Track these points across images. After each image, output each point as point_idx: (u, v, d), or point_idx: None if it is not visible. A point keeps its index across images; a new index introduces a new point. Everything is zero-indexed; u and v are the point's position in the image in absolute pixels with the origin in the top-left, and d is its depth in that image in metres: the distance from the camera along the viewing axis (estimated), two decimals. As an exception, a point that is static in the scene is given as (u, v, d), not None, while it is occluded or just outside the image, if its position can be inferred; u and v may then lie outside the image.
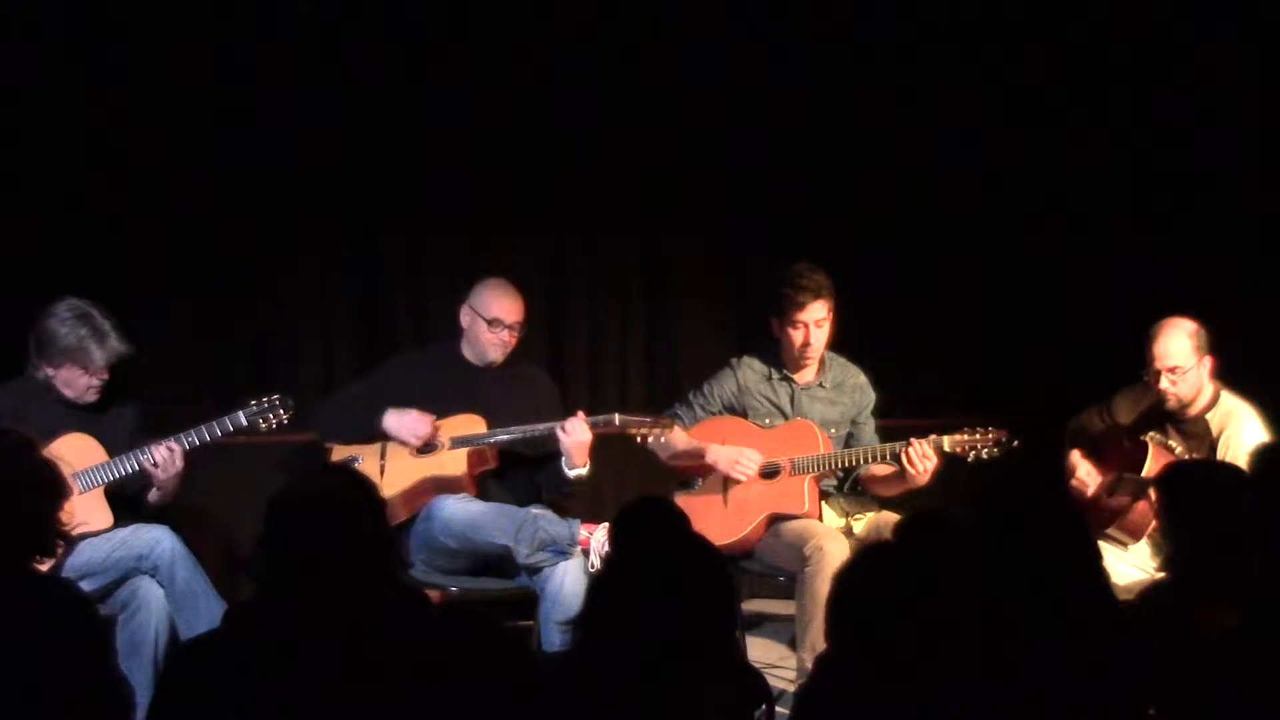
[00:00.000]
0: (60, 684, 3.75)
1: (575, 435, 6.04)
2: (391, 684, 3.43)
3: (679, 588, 3.46)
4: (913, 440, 6.02)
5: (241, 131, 7.14)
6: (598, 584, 3.66)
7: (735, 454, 6.23)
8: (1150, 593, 4.23)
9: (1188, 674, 3.47)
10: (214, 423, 5.81)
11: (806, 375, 6.37)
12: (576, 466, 6.10)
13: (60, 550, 4.11)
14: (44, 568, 4.09)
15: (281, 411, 5.90)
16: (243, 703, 3.41)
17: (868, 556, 3.47)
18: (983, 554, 3.55)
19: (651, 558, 3.61)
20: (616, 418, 6.13)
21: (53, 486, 4.02)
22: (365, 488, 3.77)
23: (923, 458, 6.00)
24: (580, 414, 6.11)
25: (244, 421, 5.85)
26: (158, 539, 5.60)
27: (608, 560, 3.86)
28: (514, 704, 2.99)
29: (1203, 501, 4.06)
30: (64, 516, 4.08)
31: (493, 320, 6.26)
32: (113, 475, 5.69)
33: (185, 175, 7.10)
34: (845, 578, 3.40)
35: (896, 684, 3.13)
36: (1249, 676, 3.30)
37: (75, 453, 5.53)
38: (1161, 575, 4.55)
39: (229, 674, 3.47)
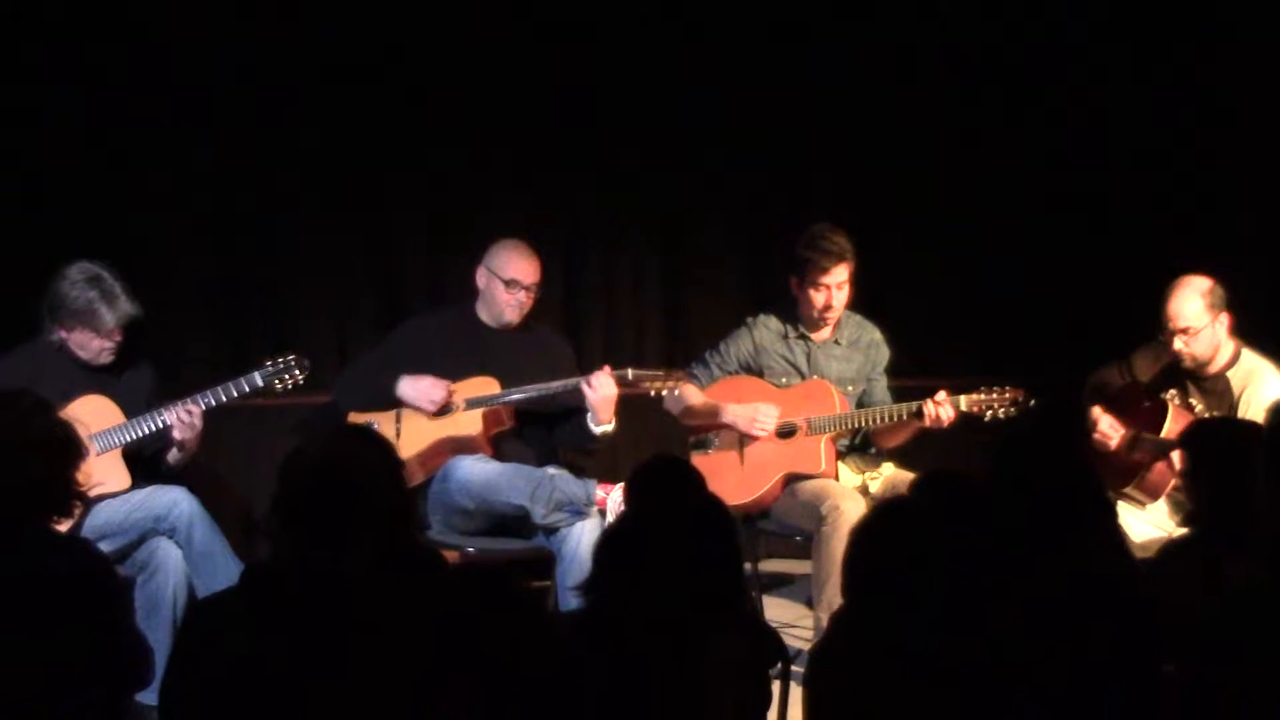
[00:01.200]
0: (80, 643, 3.77)
1: (602, 390, 6.01)
2: (409, 644, 3.44)
3: (689, 544, 3.46)
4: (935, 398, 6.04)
5: (253, 89, 7.10)
6: (610, 541, 3.66)
7: (752, 411, 6.23)
8: (1171, 549, 4.22)
9: (1207, 631, 3.45)
10: (230, 383, 5.81)
11: (823, 333, 6.36)
12: (603, 423, 6.09)
13: (78, 511, 4.11)
14: (62, 529, 4.08)
15: (298, 371, 5.90)
16: (258, 662, 3.40)
17: (884, 513, 3.47)
18: (998, 512, 3.54)
19: (662, 514, 3.62)
20: (630, 372, 6.10)
21: (68, 447, 4.02)
22: (382, 448, 3.76)
23: (940, 405, 6.02)
24: (606, 368, 6.08)
25: (260, 382, 5.85)
26: (176, 500, 5.61)
27: (620, 517, 3.85)
28: (532, 663, 2.99)
29: (1225, 459, 4.05)
30: (80, 478, 4.08)
31: (510, 281, 6.24)
32: (130, 437, 5.70)
33: (195, 133, 7.07)
34: (862, 535, 3.38)
35: (911, 641, 3.13)
36: (1267, 633, 3.28)
37: (92, 414, 5.53)
38: (1182, 533, 4.55)
39: (244, 633, 3.46)
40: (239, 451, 6.92)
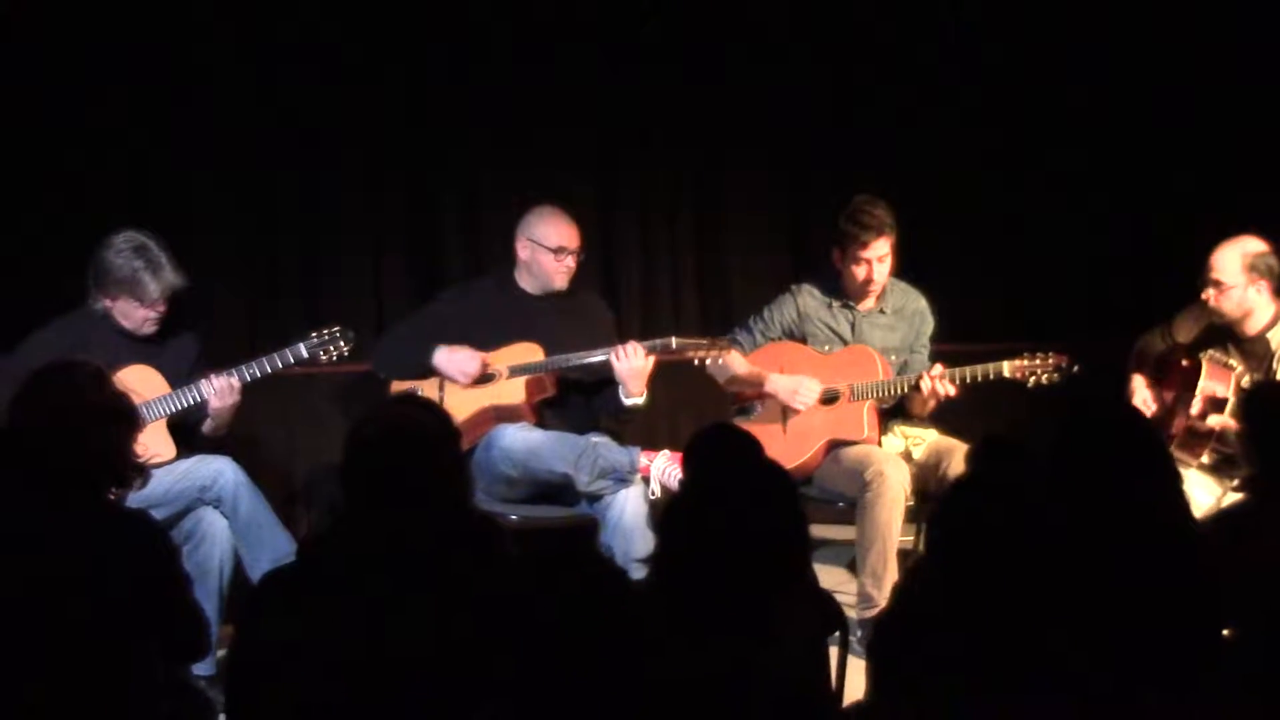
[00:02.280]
0: (144, 615, 3.78)
1: (630, 362, 5.98)
2: (473, 611, 3.44)
3: (754, 512, 3.45)
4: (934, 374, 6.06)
5: (295, 61, 7.08)
6: (672, 512, 3.64)
7: (795, 384, 6.23)
8: (1230, 514, 4.21)
9: (1265, 596, 3.45)
10: (275, 355, 5.79)
11: (868, 302, 6.35)
12: (633, 395, 6.06)
13: (138, 483, 4.11)
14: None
15: (342, 343, 5.88)
16: (324, 633, 3.41)
17: (975, 482, 3.45)
18: (1067, 479, 3.53)
19: (725, 483, 3.60)
20: (674, 341, 6.04)
21: (128, 417, 4.03)
22: (442, 417, 3.77)
23: (937, 379, 6.02)
24: (632, 342, 6.06)
25: (305, 354, 5.83)
26: (220, 470, 5.61)
27: (682, 487, 3.84)
28: (607, 636, 2.98)
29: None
30: (139, 449, 4.09)
31: (558, 249, 6.23)
32: (176, 407, 5.69)
33: (233, 102, 7.04)
34: (953, 502, 3.36)
35: (983, 611, 3.12)
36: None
37: (141, 384, 5.50)
38: (1236, 498, 4.55)
39: (310, 605, 3.47)
40: (279, 420, 6.93)
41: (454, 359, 6.14)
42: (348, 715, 3.37)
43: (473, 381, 6.12)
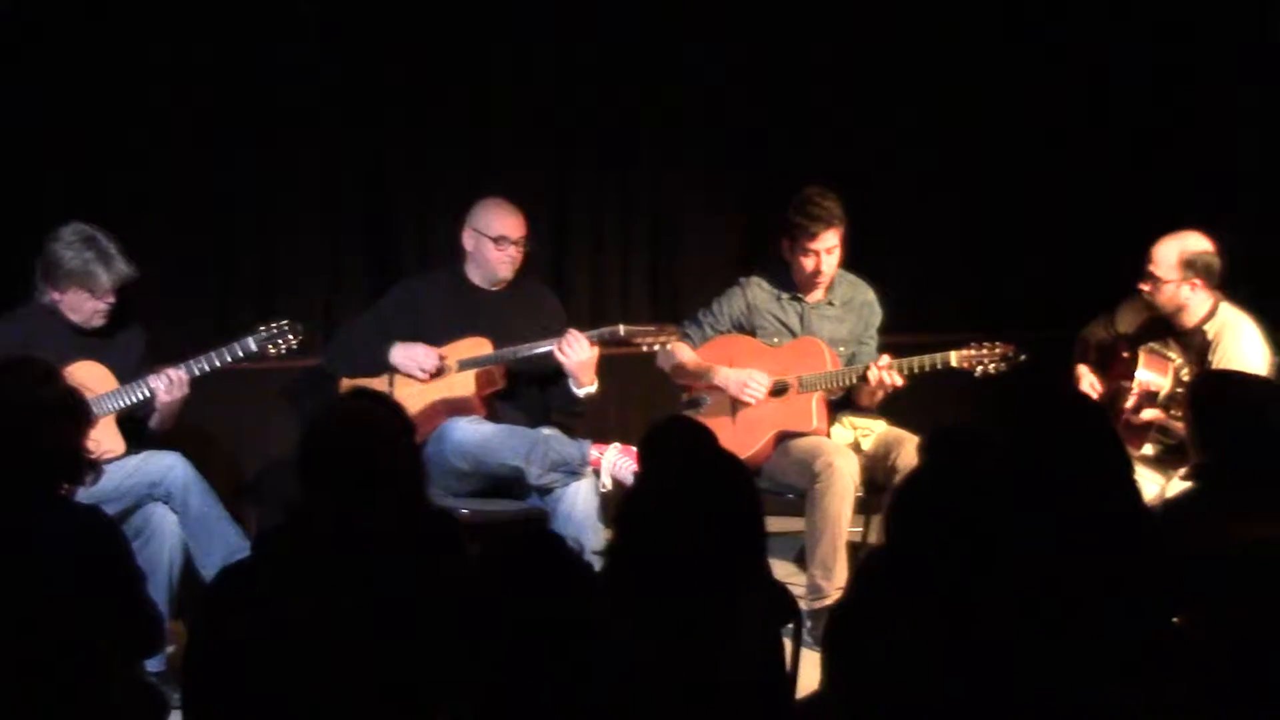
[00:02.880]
0: (98, 610, 3.76)
1: (575, 354, 6.00)
2: (431, 602, 3.45)
3: (712, 504, 3.47)
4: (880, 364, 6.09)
5: (247, 49, 7.03)
6: (630, 506, 3.66)
7: (744, 376, 6.25)
8: (1178, 503, 4.26)
9: (1215, 583, 3.47)
10: (224, 349, 5.77)
11: (816, 294, 6.37)
12: (584, 385, 6.09)
13: (90, 479, 4.10)
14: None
15: (291, 337, 5.87)
16: (282, 626, 3.41)
17: (933, 468, 3.48)
18: (1019, 467, 3.56)
19: (683, 476, 3.62)
20: (621, 328, 6.09)
21: (80, 413, 4.02)
22: (397, 411, 3.78)
23: (885, 369, 6.05)
24: (572, 331, 6.07)
25: (254, 347, 5.82)
26: (171, 465, 5.59)
27: (639, 480, 3.86)
28: (567, 627, 3.00)
29: (1232, 411, 4.08)
30: (91, 445, 4.08)
31: (499, 238, 6.24)
32: (125, 402, 5.67)
33: (182, 92, 6.97)
34: (909, 488, 3.38)
35: (939, 601, 3.15)
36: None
37: (90, 379, 5.49)
38: (1183, 486, 4.58)
39: (267, 599, 3.47)
40: (227, 415, 6.89)
41: (411, 355, 6.13)
42: (306, 711, 3.36)
43: (430, 376, 6.12)
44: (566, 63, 7.47)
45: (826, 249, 6.22)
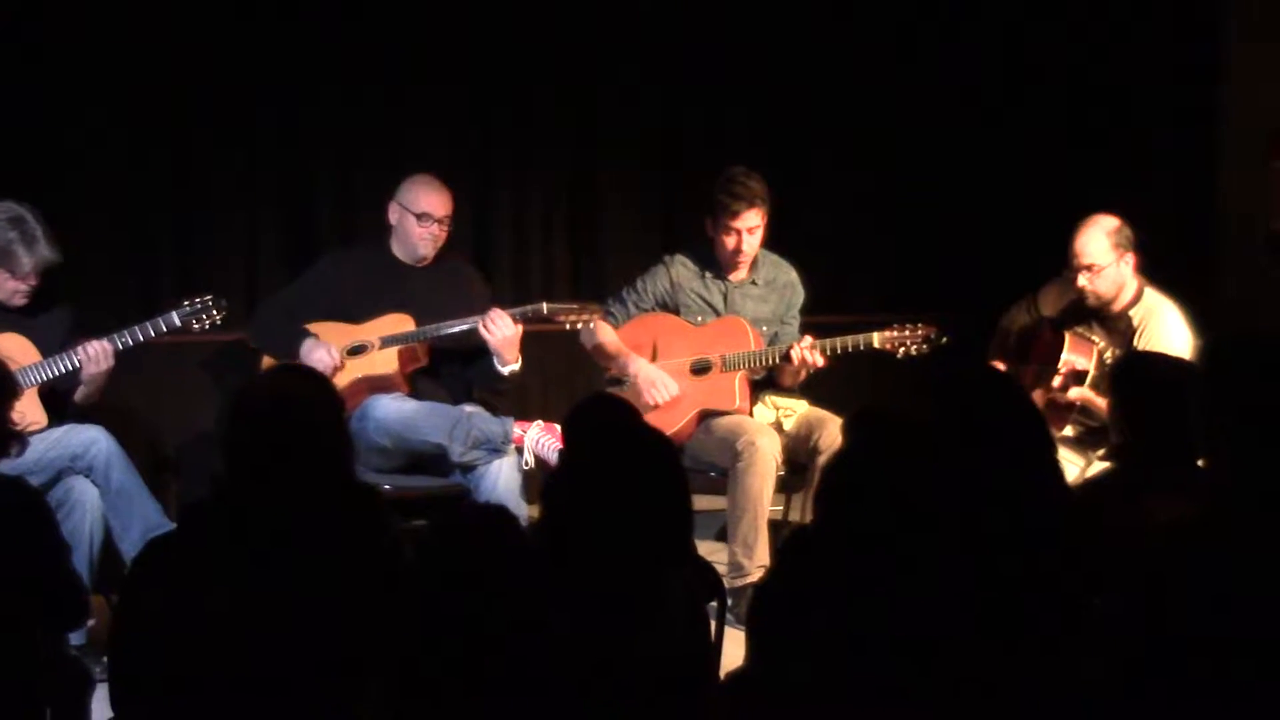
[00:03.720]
0: (24, 582, 3.75)
1: (499, 331, 6.02)
2: (356, 578, 3.46)
3: (638, 480, 3.48)
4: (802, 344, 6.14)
5: (168, 25, 7.00)
6: (556, 483, 3.67)
7: (656, 378, 6.29)
8: (1097, 483, 4.31)
9: (1133, 564, 3.52)
10: (147, 323, 5.75)
11: (739, 273, 6.41)
12: (508, 363, 6.10)
13: (15, 451, 4.08)
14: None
15: (215, 312, 5.86)
16: (207, 602, 3.41)
17: (852, 454, 3.51)
18: (941, 446, 3.60)
19: (608, 453, 3.63)
20: (545, 306, 6.12)
21: (5, 385, 3.99)
22: (324, 385, 3.77)
23: (807, 349, 6.11)
24: (496, 309, 6.09)
25: (177, 322, 5.80)
26: (93, 439, 5.57)
27: (564, 458, 3.86)
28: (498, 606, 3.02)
29: (1154, 392, 4.13)
30: (15, 417, 4.06)
31: (422, 215, 6.23)
32: (48, 375, 5.64)
33: (103, 80, 6.96)
34: (833, 473, 3.41)
35: (868, 577, 3.19)
36: (1194, 566, 3.36)
37: (14, 351, 5.48)
38: (1102, 467, 4.64)
39: (192, 573, 3.46)
40: (148, 389, 6.85)
41: (314, 355, 6.03)
42: (234, 685, 3.37)
43: (350, 349, 6.11)
44: (490, 42, 7.48)
45: (748, 228, 6.25)
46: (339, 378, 5.99)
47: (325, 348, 6.06)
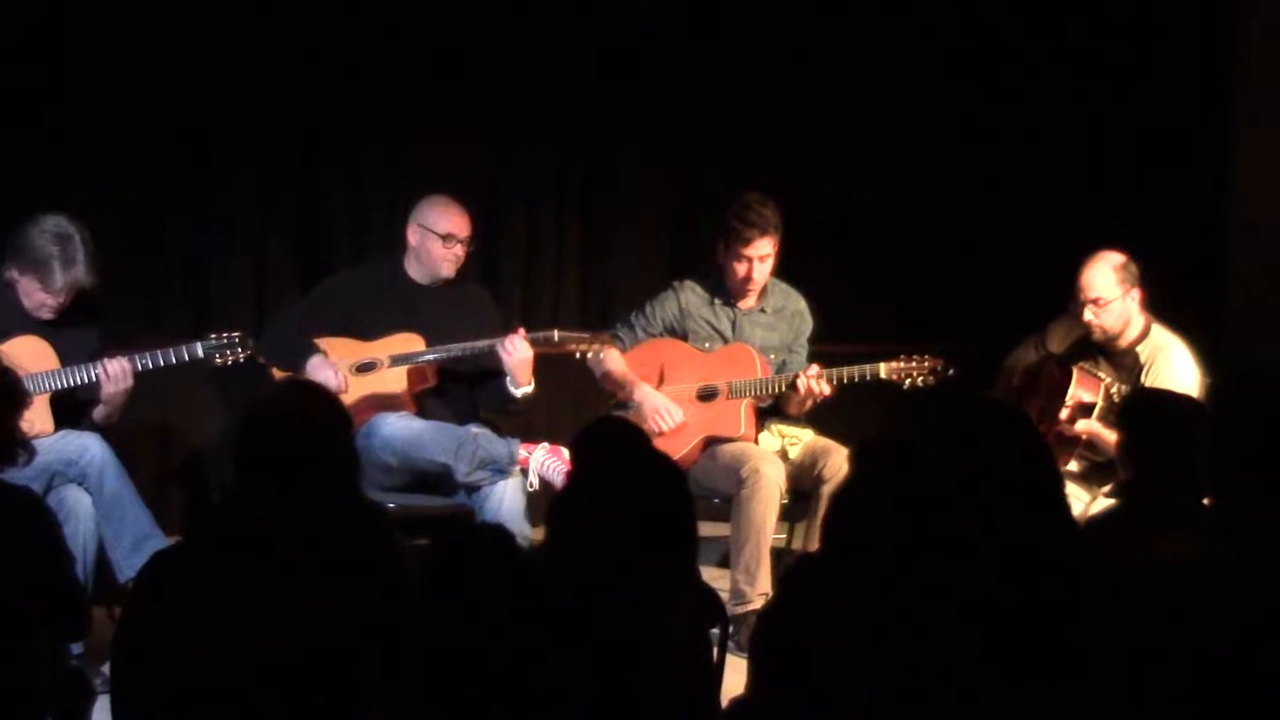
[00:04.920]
0: (28, 592, 3.75)
1: (518, 353, 6.03)
2: (361, 592, 3.47)
3: (644, 504, 3.49)
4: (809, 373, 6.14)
5: (175, 46, 7.02)
6: (562, 506, 3.67)
7: (662, 405, 6.28)
8: (1105, 519, 4.31)
9: (1139, 598, 3.53)
10: (170, 349, 5.75)
11: (748, 301, 6.41)
12: (522, 385, 6.11)
13: (23, 460, 4.08)
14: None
15: (240, 350, 5.83)
16: (212, 616, 3.41)
17: (860, 484, 3.51)
18: (949, 478, 3.60)
19: (616, 476, 3.64)
20: (556, 334, 6.14)
21: (13, 394, 4.01)
22: (335, 403, 3.79)
23: (814, 379, 6.11)
24: (520, 330, 6.11)
25: (200, 354, 5.79)
26: (87, 446, 5.55)
27: (571, 481, 3.87)
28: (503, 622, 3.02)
29: (1162, 429, 4.13)
30: (24, 425, 4.07)
31: (446, 236, 6.24)
32: (62, 383, 5.62)
33: (115, 89, 6.98)
34: (842, 503, 3.42)
35: (872, 606, 3.19)
36: (1199, 602, 3.36)
37: (27, 355, 5.47)
38: (1108, 503, 4.64)
39: (197, 587, 3.47)
40: (151, 400, 6.82)
41: (316, 376, 5.97)
42: (238, 699, 3.37)
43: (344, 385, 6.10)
44: (499, 63, 7.49)
45: (760, 256, 6.26)
46: (347, 394, 5.99)
47: (332, 368, 6.06)
